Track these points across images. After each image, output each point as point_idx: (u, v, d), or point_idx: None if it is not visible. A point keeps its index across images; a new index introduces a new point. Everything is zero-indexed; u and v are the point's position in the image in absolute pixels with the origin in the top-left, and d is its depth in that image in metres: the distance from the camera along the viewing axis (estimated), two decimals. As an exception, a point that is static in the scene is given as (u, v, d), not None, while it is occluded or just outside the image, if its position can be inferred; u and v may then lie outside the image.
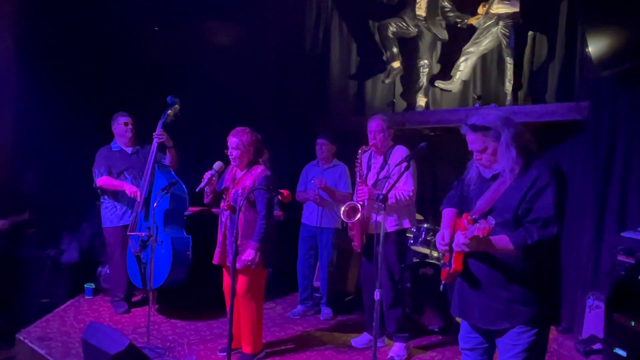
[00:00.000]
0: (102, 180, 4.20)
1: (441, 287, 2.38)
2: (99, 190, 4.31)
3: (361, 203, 3.57)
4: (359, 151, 3.70)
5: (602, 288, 3.57)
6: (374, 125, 3.65)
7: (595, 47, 3.58)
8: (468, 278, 2.18)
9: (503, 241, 2.02)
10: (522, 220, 2.04)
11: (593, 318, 3.52)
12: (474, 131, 2.11)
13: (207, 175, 3.36)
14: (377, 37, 5.36)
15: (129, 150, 4.32)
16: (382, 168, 3.65)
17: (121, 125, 4.26)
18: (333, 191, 4.24)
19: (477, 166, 2.23)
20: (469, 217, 2.16)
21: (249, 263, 3.28)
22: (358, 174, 3.66)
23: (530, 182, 2.01)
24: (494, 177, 2.15)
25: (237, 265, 3.26)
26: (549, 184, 1.99)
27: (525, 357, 2.10)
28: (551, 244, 2.03)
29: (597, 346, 3.34)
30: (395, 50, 5.15)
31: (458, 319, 2.70)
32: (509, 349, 2.14)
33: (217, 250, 3.46)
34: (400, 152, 3.63)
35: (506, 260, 2.07)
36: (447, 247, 2.20)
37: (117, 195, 4.24)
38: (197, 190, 3.40)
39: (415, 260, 4.46)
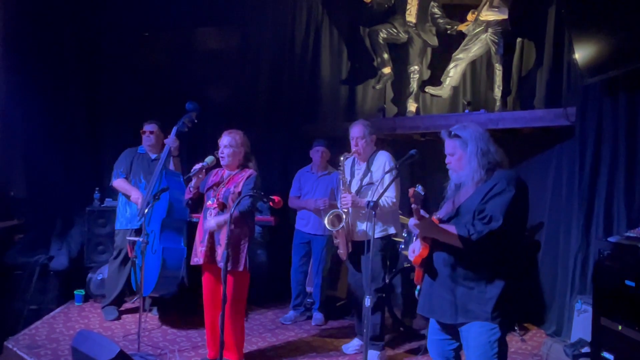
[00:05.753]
0: (117, 182, 4.32)
1: (416, 292, 2.43)
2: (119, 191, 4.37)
3: (345, 210, 3.56)
4: (341, 158, 3.63)
5: (590, 292, 3.62)
6: (356, 131, 3.60)
7: (582, 54, 3.64)
8: (432, 273, 2.34)
9: (449, 229, 2.22)
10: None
11: (581, 322, 3.56)
12: (448, 136, 2.37)
13: (197, 166, 3.30)
14: (367, 43, 5.40)
15: (152, 155, 4.42)
16: (365, 175, 3.60)
17: (145, 133, 4.41)
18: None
19: (450, 176, 2.43)
20: (435, 216, 2.38)
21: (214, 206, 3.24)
22: (341, 181, 3.61)
23: (488, 188, 2.22)
24: (460, 186, 2.37)
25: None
26: (505, 190, 2.18)
27: (490, 355, 2.20)
28: (509, 243, 2.19)
29: (586, 350, 3.39)
30: (385, 56, 5.19)
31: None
32: (472, 349, 2.24)
33: (203, 249, 3.30)
34: (383, 157, 3.57)
35: (466, 257, 2.22)
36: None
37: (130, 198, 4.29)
38: (184, 178, 3.32)
39: (406, 264, 4.48)
